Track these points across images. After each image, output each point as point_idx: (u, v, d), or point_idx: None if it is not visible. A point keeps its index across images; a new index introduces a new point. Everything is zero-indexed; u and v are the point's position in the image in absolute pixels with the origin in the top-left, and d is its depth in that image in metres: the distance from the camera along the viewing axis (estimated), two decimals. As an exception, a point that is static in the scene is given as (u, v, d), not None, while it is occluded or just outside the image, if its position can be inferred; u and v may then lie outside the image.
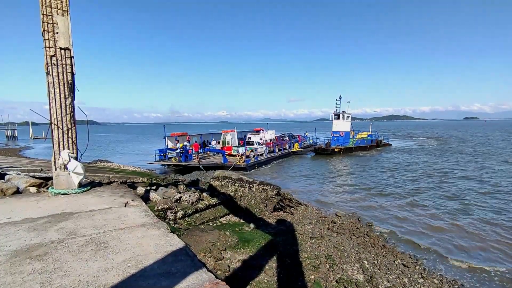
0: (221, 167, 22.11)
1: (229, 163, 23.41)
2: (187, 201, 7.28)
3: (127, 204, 4.98)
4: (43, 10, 5.31)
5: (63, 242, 3.29)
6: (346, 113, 36.29)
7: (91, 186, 6.24)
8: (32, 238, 3.37)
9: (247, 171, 22.99)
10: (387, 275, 6.37)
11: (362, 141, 38.31)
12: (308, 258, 6.14)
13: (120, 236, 3.51)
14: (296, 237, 7.31)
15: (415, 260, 7.87)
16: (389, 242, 9.25)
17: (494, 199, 14.35)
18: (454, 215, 12.10)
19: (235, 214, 8.15)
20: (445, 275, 7.32)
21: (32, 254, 2.96)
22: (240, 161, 23.95)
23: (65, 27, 5.45)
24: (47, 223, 3.91)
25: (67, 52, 5.55)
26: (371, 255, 7.28)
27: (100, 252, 3.06)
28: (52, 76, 5.42)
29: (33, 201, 5.07)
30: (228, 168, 21.56)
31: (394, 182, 18.84)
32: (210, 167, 22.87)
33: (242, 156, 24.58)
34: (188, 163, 23.97)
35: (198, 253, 4.92)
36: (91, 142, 21.45)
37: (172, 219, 6.26)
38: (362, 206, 13.60)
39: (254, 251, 5.59)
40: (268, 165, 26.85)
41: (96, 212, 4.46)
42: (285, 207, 10.31)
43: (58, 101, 5.52)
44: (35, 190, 5.82)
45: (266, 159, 27.48)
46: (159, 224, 4.00)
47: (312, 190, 17.29)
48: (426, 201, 14.16)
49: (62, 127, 5.62)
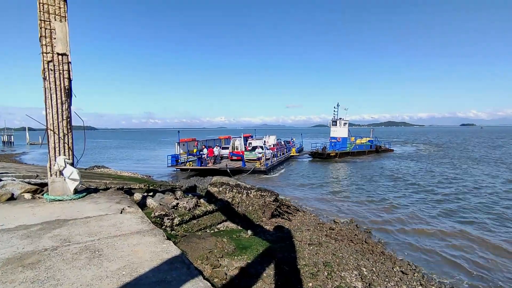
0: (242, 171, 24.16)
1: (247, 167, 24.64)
2: (184, 208, 7.22)
3: (123, 210, 4.92)
4: (41, 16, 5.32)
5: (57, 249, 3.23)
6: (343, 120, 38.26)
7: (87, 192, 6.18)
8: (25, 246, 3.31)
9: (267, 175, 24.57)
10: (386, 282, 6.31)
11: (361, 146, 39.91)
12: (306, 265, 6.07)
13: (115, 243, 3.46)
14: (294, 244, 7.24)
15: (414, 267, 7.81)
16: (387, 248, 9.19)
17: (495, 205, 14.37)
18: (452, 221, 12.09)
19: (233, 221, 8.08)
20: (444, 282, 7.28)
21: (25, 262, 2.90)
22: (260, 165, 25.08)
23: (62, 33, 5.46)
24: (41, 230, 3.85)
25: (65, 57, 5.55)
26: (370, 262, 7.21)
27: (95, 260, 3.00)
28: (49, 81, 5.41)
29: (28, 207, 5.01)
30: (247, 172, 23.71)
31: (392, 188, 18.84)
32: (234, 171, 23.86)
33: (261, 160, 25.78)
34: (219, 167, 24.88)
35: (195, 260, 4.85)
36: (88, 147, 21.45)
37: (169, 226, 6.19)
38: (360, 213, 13.54)
39: (251, 258, 5.52)
40: (283, 169, 28.34)
41: (92, 219, 4.40)
42: (283, 213, 10.25)
43: (54, 106, 5.50)
44: (30, 197, 5.74)
45: (278, 163, 29.47)
46: (155, 231, 3.95)
47: (309, 196, 17.24)
48: (424, 208, 14.14)
49: (58, 133, 5.59)
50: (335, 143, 37.89)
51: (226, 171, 22.75)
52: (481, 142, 65.20)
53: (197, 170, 25.34)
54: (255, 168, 24.37)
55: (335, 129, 38.07)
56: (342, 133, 38.03)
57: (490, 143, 62.92)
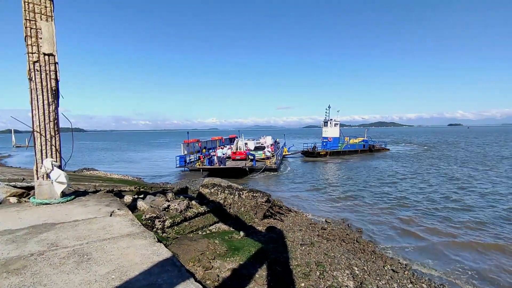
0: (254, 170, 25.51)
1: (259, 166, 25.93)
2: (176, 210, 7.14)
3: (112, 213, 4.84)
4: (26, 15, 5.19)
5: (44, 254, 3.15)
6: (334, 121, 40.38)
7: (76, 195, 6.05)
8: (10, 251, 3.22)
9: (277, 172, 26.23)
10: (377, 281, 6.38)
11: (353, 146, 42.01)
12: (299, 265, 6.09)
13: (104, 247, 3.39)
14: (286, 244, 7.25)
15: (404, 265, 7.93)
16: (378, 247, 9.30)
17: (486, 202, 14.73)
18: (441, 218, 12.33)
19: (225, 222, 8.03)
20: (434, 280, 7.41)
21: (10, 268, 2.82)
22: (271, 163, 26.55)
23: (49, 33, 5.34)
24: (27, 234, 3.74)
25: (51, 58, 5.43)
26: (361, 261, 7.28)
27: (83, 264, 2.94)
28: (35, 82, 5.28)
29: (13, 211, 4.87)
30: (260, 171, 25.21)
31: (383, 188, 19.08)
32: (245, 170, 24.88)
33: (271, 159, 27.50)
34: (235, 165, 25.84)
35: (186, 262, 4.80)
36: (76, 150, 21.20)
37: (160, 228, 6.11)
38: (351, 212, 13.68)
39: (244, 259, 5.50)
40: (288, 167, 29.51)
41: (80, 222, 4.31)
42: (275, 214, 10.25)
43: (41, 108, 5.37)
44: (15, 201, 5.59)
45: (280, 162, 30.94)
46: (146, 233, 3.89)
47: (301, 196, 17.31)
48: (414, 207, 14.37)
49: (45, 135, 5.46)
50: (326, 143, 40.15)
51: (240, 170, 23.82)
52: (470, 143, 66.76)
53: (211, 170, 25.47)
54: (266, 166, 25.78)
55: (326, 129, 40.31)
56: (334, 133, 40.13)
57: (478, 143, 64.47)
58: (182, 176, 25.62)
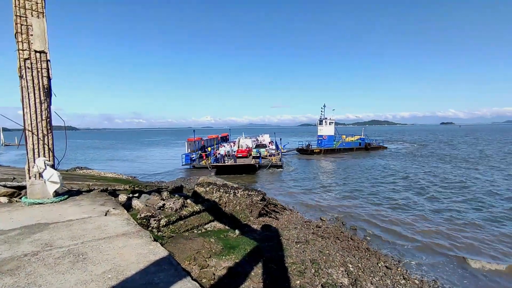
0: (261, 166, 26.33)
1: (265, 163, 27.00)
2: (171, 208, 7.11)
3: (107, 212, 4.80)
4: (17, 11, 5.09)
5: (38, 254, 3.11)
6: (329, 120, 41.19)
7: (69, 194, 5.98)
8: (2, 252, 3.17)
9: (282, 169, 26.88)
10: (371, 277, 6.46)
11: (348, 144, 42.91)
12: (294, 263, 6.13)
13: (100, 246, 3.36)
14: (282, 242, 7.29)
15: (397, 262, 8.05)
16: (372, 245, 9.41)
17: (479, 202, 14.98)
18: (435, 217, 12.53)
19: (220, 221, 8.03)
20: (426, 276, 7.54)
21: (3, 269, 2.77)
22: (276, 160, 27.74)
23: (40, 30, 5.25)
24: (20, 235, 3.69)
25: (43, 55, 5.34)
26: (355, 259, 7.37)
27: (78, 264, 2.91)
28: (26, 80, 5.19)
29: (4, 212, 4.79)
30: (266, 167, 26.21)
31: (376, 185, 19.29)
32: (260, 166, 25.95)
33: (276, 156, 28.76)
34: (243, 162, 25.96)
35: (182, 261, 4.79)
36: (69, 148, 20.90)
37: (156, 227, 6.08)
38: (345, 210, 13.78)
39: (239, 257, 5.51)
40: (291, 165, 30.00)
41: (74, 222, 4.26)
42: (270, 212, 10.29)
43: (33, 106, 5.28)
44: (6, 200, 5.50)
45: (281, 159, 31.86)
46: (142, 232, 3.87)
47: (296, 194, 17.39)
48: (408, 205, 14.56)
49: (37, 134, 5.37)
50: (321, 141, 40.93)
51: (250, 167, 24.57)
52: (463, 141, 67.75)
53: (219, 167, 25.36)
54: (272, 163, 26.87)
55: (321, 127, 41.13)
56: (328, 131, 40.89)
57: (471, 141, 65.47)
58: (189, 173, 25.68)
